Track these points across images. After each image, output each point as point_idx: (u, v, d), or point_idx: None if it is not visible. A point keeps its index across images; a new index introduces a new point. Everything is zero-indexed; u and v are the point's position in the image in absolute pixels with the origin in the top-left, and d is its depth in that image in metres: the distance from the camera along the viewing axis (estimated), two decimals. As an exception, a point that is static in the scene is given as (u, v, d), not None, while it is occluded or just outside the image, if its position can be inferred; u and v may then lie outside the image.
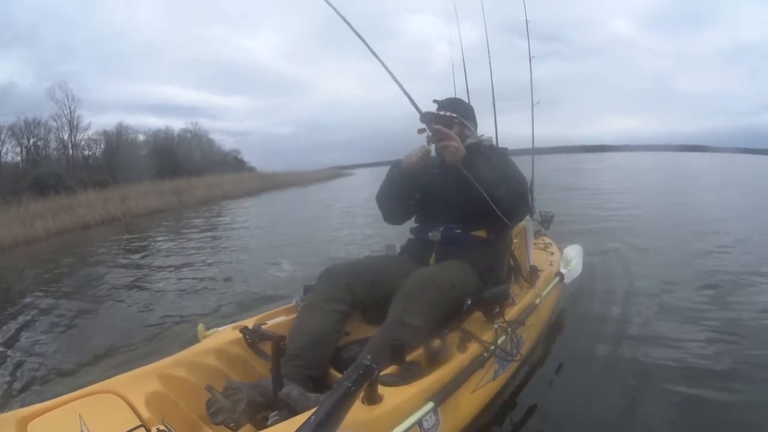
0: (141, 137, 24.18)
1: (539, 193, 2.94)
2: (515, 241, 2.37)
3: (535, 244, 2.95)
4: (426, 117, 1.97)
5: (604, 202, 8.65)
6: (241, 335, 1.74)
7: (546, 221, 3.32)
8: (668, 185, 12.31)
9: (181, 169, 18.88)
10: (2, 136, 19.40)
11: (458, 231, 1.94)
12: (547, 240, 3.26)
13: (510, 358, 1.73)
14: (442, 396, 1.39)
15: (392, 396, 1.29)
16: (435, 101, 2.05)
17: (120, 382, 1.38)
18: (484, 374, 1.64)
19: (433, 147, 1.83)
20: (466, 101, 2.28)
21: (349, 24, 1.67)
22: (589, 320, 2.80)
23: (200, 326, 1.81)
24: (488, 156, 1.96)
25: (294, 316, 1.90)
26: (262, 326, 1.78)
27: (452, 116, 1.97)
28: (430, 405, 1.33)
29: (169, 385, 1.45)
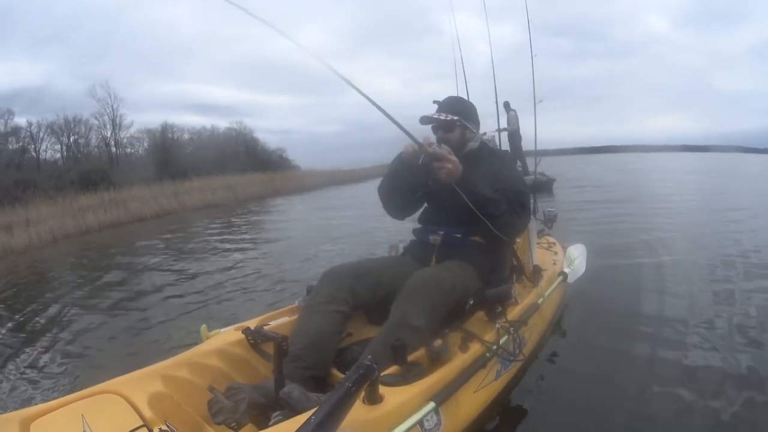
0: (186, 136, 24.30)
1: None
2: (518, 240, 2.36)
3: (538, 243, 2.94)
4: (425, 120, 1.97)
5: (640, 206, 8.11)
6: (243, 336, 1.74)
7: (549, 220, 3.32)
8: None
9: (227, 167, 18.91)
10: (41, 134, 19.58)
11: (458, 236, 1.94)
12: (551, 239, 3.25)
13: (512, 358, 1.73)
14: (443, 396, 1.39)
15: (393, 396, 1.29)
16: (435, 102, 2.03)
17: (123, 382, 1.38)
18: (486, 374, 1.64)
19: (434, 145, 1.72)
20: (468, 99, 2.23)
21: (332, 69, 1.48)
22: (593, 319, 2.78)
23: (203, 327, 1.82)
24: (490, 162, 1.95)
25: (297, 317, 1.91)
26: (265, 327, 1.79)
27: (453, 119, 1.95)
28: (432, 405, 1.33)
29: (172, 386, 1.45)
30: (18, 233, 8.85)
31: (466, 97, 2.44)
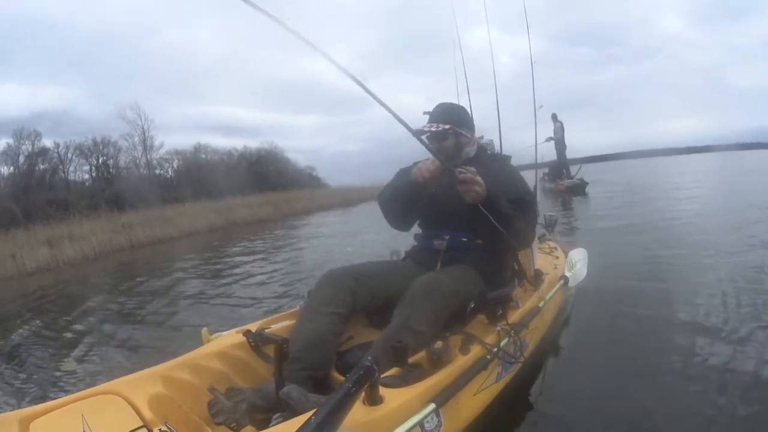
0: (217, 156, 24.69)
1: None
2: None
3: (539, 247, 2.95)
4: (417, 133, 1.96)
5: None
6: (244, 339, 1.74)
7: (550, 225, 3.32)
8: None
9: (261, 186, 19.40)
10: (69, 155, 19.98)
11: (464, 239, 1.93)
12: (552, 244, 3.26)
13: (513, 360, 1.72)
14: (443, 398, 1.39)
15: (393, 397, 1.29)
16: (425, 113, 2.01)
17: (123, 383, 1.39)
18: (486, 376, 1.63)
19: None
20: (460, 105, 2.18)
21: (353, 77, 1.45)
22: (594, 323, 2.77)
23: (204, 330, 1.82)
24: (492, 168, 1.93)
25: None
26: (266, 330, 1.79)
27: (445, 128, 1.93)
28: (432, 406, 1.33)
29: (172, 388, 1.45)
30: (70, 247, 9.20)
31: (468, 109, 2.43)
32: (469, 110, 2.75)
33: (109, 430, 1.19)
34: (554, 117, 11.13)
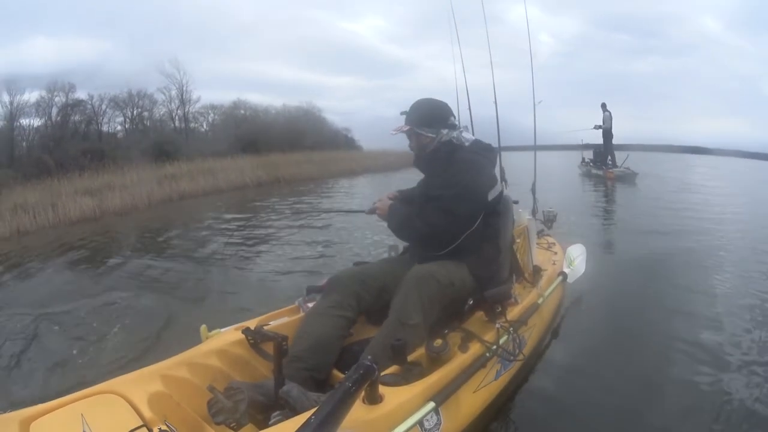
0: (253, 113, 24.01)
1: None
2: (518, 241, 2.36)
3: (538, 243, 2.94)
4: (393, 135, 2.02)
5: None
6: (243, 336, 1.74)
7: (549, 221, 3.32)
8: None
9: (299, 144, 18.93)
10: (103, 107, 19.61)
11: None
12: (551, 239, 3.25)
13: (512, 358, 1.73)
14: (443, 396, 1.39)
15: (393, 396, 1.29)
16: (402, 113, 2.03)
17: (122, 382, 1.38)
18: (485, 374, 1.64)
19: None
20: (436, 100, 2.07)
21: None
22: (593, 319, 2.78)
23: (203, 327, 1.81)
24: (445, 163, 1.92)
25: (297, 317, 1.92)
26: (265, 327, 1.79)
27: (404, 130, 1.97)
28: (431, 405, 1.33)
29: (172, 386, 1.45)
30: (119, 196, 9.10)
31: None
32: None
33: (109, 429, 1.18)
34: (603, 106, 11.52)
